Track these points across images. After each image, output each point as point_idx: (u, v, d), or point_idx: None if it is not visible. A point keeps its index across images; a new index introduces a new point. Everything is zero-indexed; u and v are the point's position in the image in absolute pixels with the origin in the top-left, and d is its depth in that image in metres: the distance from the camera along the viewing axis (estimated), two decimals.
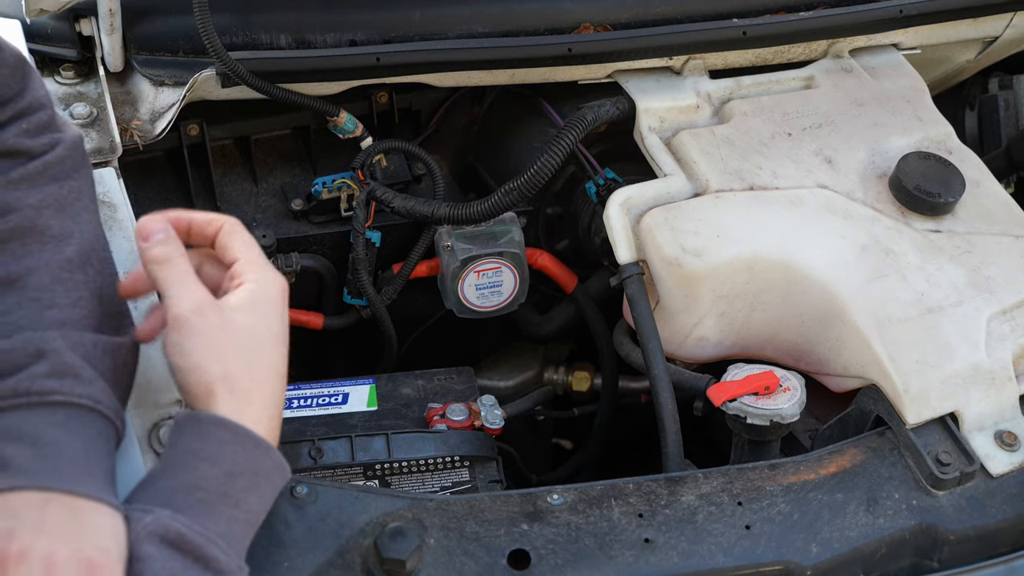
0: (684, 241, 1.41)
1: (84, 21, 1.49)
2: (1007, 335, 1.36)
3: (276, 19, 1.55)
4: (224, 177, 1.67)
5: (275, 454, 0.97)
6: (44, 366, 0.94)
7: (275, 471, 0.97)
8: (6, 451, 0.89)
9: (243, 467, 0.93)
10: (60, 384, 0.94)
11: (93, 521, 0.89)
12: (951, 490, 1.24)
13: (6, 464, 0.89)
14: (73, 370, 0.95)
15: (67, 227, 1.03)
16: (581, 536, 1.14)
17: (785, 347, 1.45)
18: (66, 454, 0.91)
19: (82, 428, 0.94)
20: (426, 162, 1.65)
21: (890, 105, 1.62)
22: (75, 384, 0.95)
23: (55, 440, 0.92)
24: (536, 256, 1.69)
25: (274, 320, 1.00)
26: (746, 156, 1.51)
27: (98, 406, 0.96)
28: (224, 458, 0.92)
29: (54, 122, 1.10)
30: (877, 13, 1.67)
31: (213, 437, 0.93)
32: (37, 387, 0.93)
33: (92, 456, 0.94)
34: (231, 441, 0.93)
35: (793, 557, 1.16)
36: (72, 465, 0.91)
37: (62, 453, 0.91)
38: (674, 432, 1.36)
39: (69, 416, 0.94)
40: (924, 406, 1.29)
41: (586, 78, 1.62)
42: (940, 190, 1.48)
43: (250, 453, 0.94)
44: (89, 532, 0.88)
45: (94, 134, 1.40)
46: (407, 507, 1.14)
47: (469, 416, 1.44)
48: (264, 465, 0.95)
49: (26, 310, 0.98)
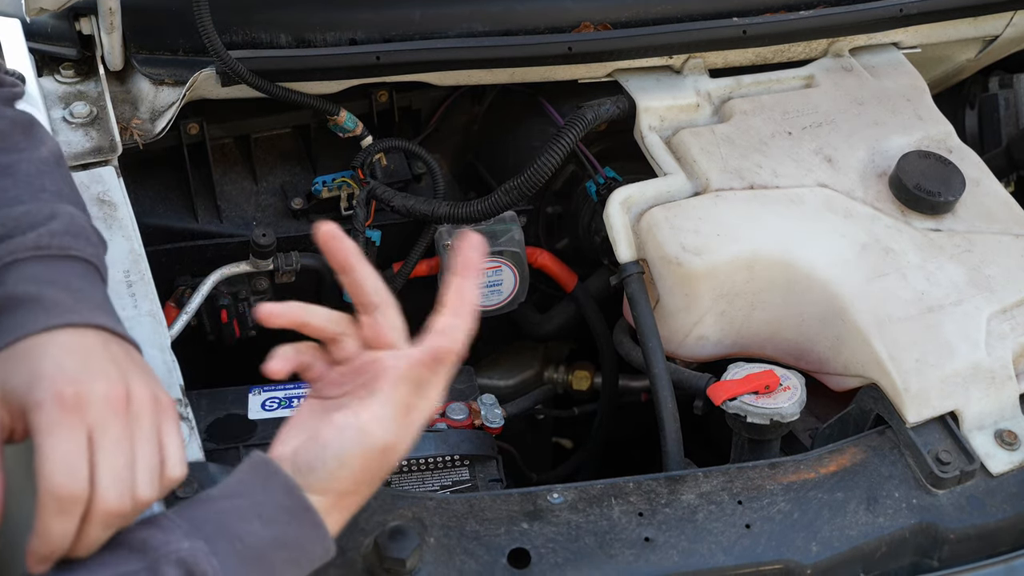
0: (684, 240, 1.41)
1: (84, 20, 1.49)
2: (1007, 334, 1.36)
3: (276, 18, 1.55)
4: (224, 176, 1.66)
5: (328, 540, 0.94)
6: (60, 224, 0.96)
7: (321, 555, 0.95)
8: (46, 292, 0.90)
9: (293, 541, 0.92)
10: (75, 241, 0.97)
11: (143, 363, 0.92)
12: (951, 489, 1.24)
13: (52, 303, 0.90)
14: (84, 232, 0.99)
15: (34, 143, 1.06)
16: (581, 535, 1.14)
17: (785, 346, 1.45)
18: (96, 299, 0.94)
19: (97, 282, 0.97)
20: (426, 161, 1.65)
21: (890, 104, 1.62)
22: (87, 245, 0.98)
23: (82, 288, 0.94)
24: (536, 255, 1.69)
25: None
26: (746, 155, 1.51)
27: (101, 268, 0.99)
28: (278, 524, 0.91)
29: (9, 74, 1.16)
30: (877, 12, 1.67)
31: (273, 502, 0.91)
32: (57, 242, 0.95)
33: (110, 305, 0.96)
34: (290, 510, 0.92)
35: (793, 556, 1.16)
36: (104, 309, 0.94)
37: (93, 298, 0.94)
38: (674, 431, 1.36)
39: (86, 270, 0.96)
40: (924, 405, 1.29)
41: (586, 77, 1.62)
42: (940, 189, 1.48)
43: (306, 532, 0.92)
44: (148, 373, 0.91)
45: (94, 133, 1.40)
46: (407, 506, 1.14)
47: (469, 415, 1.44)
48: (315, 548, 0.93)
49: (22, 190, 1.00)
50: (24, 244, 0.94)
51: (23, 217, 0.96)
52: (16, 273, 0.92)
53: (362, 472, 0.95)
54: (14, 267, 0.92)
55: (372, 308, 0.99)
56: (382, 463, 0.96)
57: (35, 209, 0.97)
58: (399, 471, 1.34)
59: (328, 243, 0.98)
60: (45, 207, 0.98)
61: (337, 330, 1.00)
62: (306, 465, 0.93)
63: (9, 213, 0.96)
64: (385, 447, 0.94)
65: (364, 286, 0.99)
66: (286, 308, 0.98)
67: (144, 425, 0.87)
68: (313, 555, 0.94)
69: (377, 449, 0.94)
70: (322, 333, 1.00)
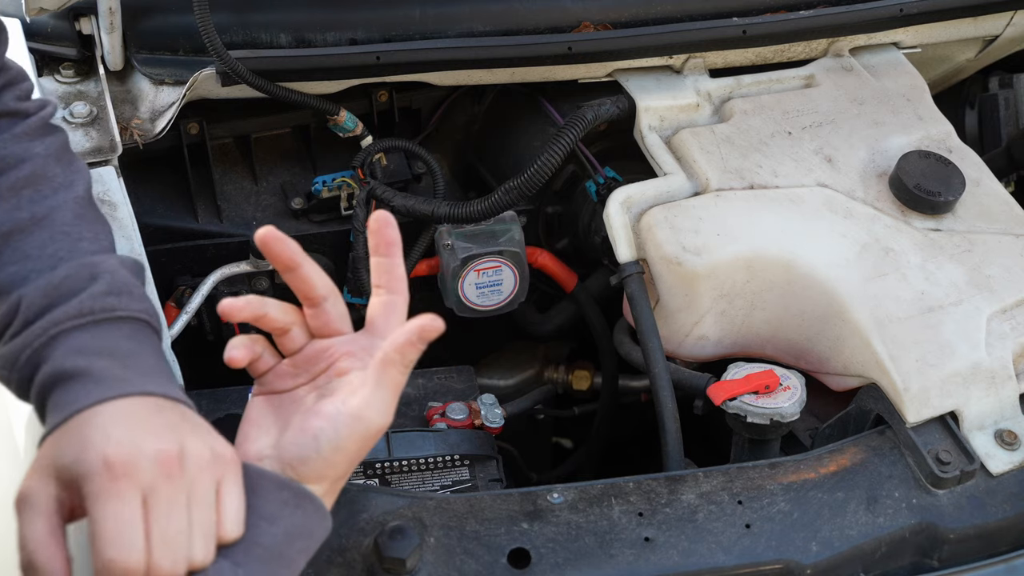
0: (684, 240, 1.41)
1: (84, 20, 1.49)
2: (1007, 334, 1.36)
3: (276, 18, 1.55)
4: (224, 176, 1.67)
5: (330, 520, 0.95)
6: (102, 285, 0.96)
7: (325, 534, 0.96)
8: (95, 364, 0.90)
9: (301, 529, 0.92)
10: (119, 300, 0.96)
11: (200, 421, 0.91)
12: (951, 489, 1.24)
13: (101, 375, 0.89)
14: (127, 287, 0.98)
15: (69, 174, 1.06)
16: (581, 535, 1.14)
17: (785, 346, 1.45)
18: (147, 363, 0.93)
19: (147, 339, 0.96)
20: (426, 161, 1.65)
21: (890, 104, 1.62)
22: (131, 300, 0.97)
23: (131, 351, 0.93)
24: (536, 255, 1.69)
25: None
26: (746, 155, 1.51)
27: (152, 320, 0.98)
28: (284, 519, 0.91)
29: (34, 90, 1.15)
30: (877, 12, 1.67)
31: (274, 498, 0.92)
32: (100, 304, 0.94)
33: (163, 364, 0.96)
34: (291, 503, 0.92)
35: (793, 556, 1.16)
36: (155, 373, 0.93)
37: (143, 362, 0.93)
38: (674, 431, 1.36)
39: (134, 329, 0.96)
40: (924, 405, 1.29)
41: (586, 77, 1.62)
42: (940, 189, 1.48)
43: (310, 517, 0.93)
44: (205, 430, 0.90)
45: (94, 133, 1.40)
46: (407, 506, 1.14)
47: (469, 415, 1.44)
48: (319, 529, 0.94)
49: (60, 243, 1.00)
50: (68, 313, 0.93)
51: (64, 283, 0.95)
52: (64, 345, 0.91)
53: (357, 455, 0.95)
54: (61, 339, 0.92)
55: (320, 300, 1.00)
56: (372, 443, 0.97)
57: (76, 271, 0.97)
58: (399, 471, 1.35)
59: (269, 245, 0.98)
60: (86, 265, 0.97)
61: (288, 320, 1.00)
62: (297, 459, 0.93)
63: (51, 280, 0.96)
64: (380, 429, 0.95)
65: (310, 281, 0.99)
66: (247, 301, 0.99)
67: (202, 484, 0.86)
68: (320, 537, 0.94)
69: (372, 432, 0.95)
70: (276, 324, 1.00)
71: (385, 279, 1.01)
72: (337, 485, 0.96)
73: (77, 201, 1.04)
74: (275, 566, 0.90)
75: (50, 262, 0.98)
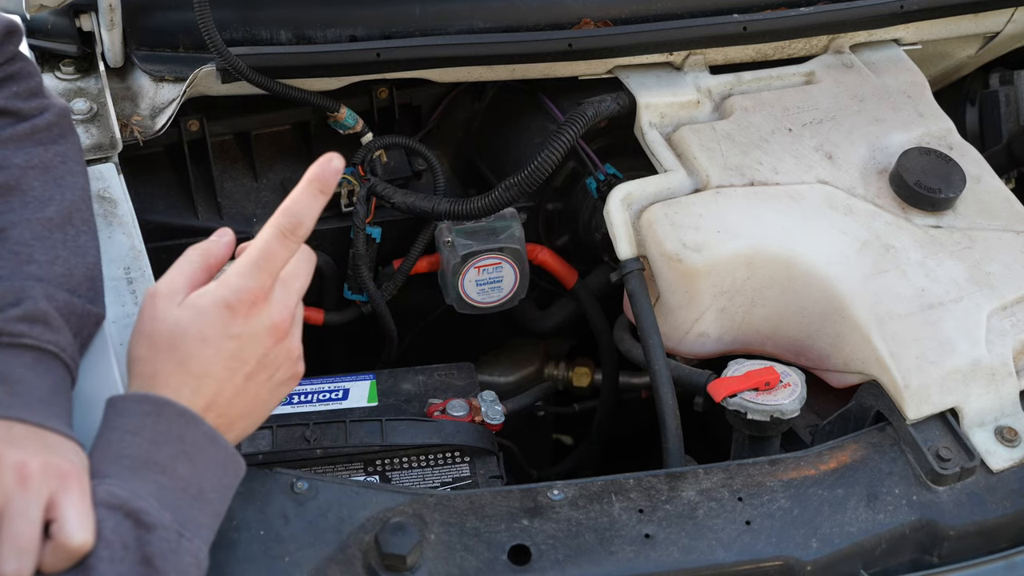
0: (684, 237, 1.41)
1: (84, 16, 1.49)
2: (1007, 331, 1.36)
3: (276, 15, 1.55)
4: (224, 173, 1.66)
5: (205, 426, 0.97)
6: (19, 311, 0.98)
7: (207, 443, 0.97)
8: None
9: (167, 436, 0.95)
10: (31, 328, 0.98)
11: (58, 442, 0.93)
12: (951, 486, 1.24)
13: None
14: (44, 317, 0.99)
15: (49, 190, 1.07)
16: (581, 531, 1.15)
17: (785, 343, 1.45)
18: (35, 393, 0.95)
19: (48, 372, 0.98)
20: (426, 158, 1.65)
21: (891, 101, 1.62)
22: (44, 330, 0.99)
23: (23, 379, 0.95)
24: (536, 252, 1.69)
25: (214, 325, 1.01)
26: (746, 151, 1.51)
27: (62, 354, 1.00)
28: (146, 428, 0.94)
29: (43, 89, 1.14)
30: (878, 8, 1.67)
31: (135, 411, 0.95)
32: (9, 329, 0.97)
33: (57, 398, 0.97)
34: (153, 413, 0.95)
35: (793, 552, 1.16)
36: (41, 403, 0.95)
37: (31, 392, 0.95)
38: (674, 428, 1.36)
39: (36, 359, 0.98)
40: (924, 402, 1.29)
41: (586, 74, 1.62)
42: (941, 186, 1.48)
43: (173, 422, 0.95)
44: (55, 448, 0.92)
45: (94, 130, 1.40)
46: (407, 502, 1.14)
47: (469, 412, 1.44)
48: (191, 434, 0.96)
49: (6, 261, 1.01)
50: None
51: None
52: None
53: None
54: None
55: None
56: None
57: (2, 292, 0.99)
58: (399, 467, 1.34)
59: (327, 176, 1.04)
60: (15, 289, 0.99)
61: None
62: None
63: None
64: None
65: None
66: None
67: (21, 498, 0.87)
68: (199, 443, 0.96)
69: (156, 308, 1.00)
70: None
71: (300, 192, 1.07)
72: (206, 386, 0.98)
73: (44, 221, 1.04)
74: (147, 472, 0.93)
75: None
